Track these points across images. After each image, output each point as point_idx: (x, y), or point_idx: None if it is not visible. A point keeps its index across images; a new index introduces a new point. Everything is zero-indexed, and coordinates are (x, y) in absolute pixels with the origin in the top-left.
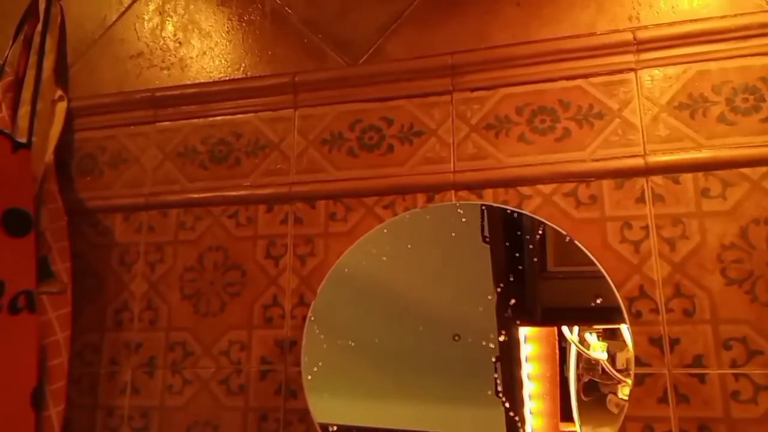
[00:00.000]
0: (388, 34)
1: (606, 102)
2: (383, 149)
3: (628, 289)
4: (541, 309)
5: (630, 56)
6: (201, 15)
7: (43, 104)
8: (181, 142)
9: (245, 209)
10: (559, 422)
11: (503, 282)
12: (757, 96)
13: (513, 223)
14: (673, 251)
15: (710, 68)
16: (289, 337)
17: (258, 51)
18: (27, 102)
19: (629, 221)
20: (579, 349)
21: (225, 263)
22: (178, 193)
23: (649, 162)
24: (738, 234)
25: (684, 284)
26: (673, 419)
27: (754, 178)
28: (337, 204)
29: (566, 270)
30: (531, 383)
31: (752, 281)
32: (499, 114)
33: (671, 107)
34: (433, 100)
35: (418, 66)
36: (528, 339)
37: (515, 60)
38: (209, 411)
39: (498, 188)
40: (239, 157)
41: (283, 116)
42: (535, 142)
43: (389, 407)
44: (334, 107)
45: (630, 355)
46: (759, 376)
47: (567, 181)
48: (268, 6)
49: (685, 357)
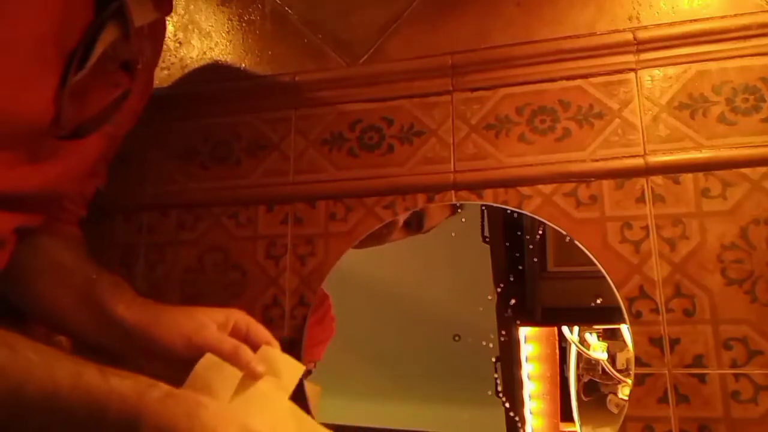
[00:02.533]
0: (388, 34)
1: (606, 102)
2: (383, 149)
3: (628, 289)
4: (541, 309)
5: (630, 56)
6: (201, 15)
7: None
8: (181, 143)
9: (245, 209)
10: (559, 422)
11: (503, 282)
12: (757, 96)
13: (513, 223)
14: (673, 251)
15: (710, 68)
16: (289, 337)
17: (258, 51)
18: None
19: (629, 221)
20: (579, 349)
21: (225, 263)
22: (179, 193)
23: (649, 162)
24: (738, 234)
25: (684, 284)
26: (674, 419)
27: (754, 178)
28: (337, 204)
29: (566, 270)
30: (531, 383)
31: (752, 281)
32: (499, 114)
33: (671, 107)
34: (433, 100)
35: (418, 66)
36: (528, 339)
37: (515, 60)
38: None
39: (498, 188)
40: (239, 157)
41: (283, 116)
42: (535, 142)
43: (389, 407)
44: (334, 107)
45: (630, 355)
46: (759, 376)
47: (567, 181)
48: (268, 6)
49: (685, 357)
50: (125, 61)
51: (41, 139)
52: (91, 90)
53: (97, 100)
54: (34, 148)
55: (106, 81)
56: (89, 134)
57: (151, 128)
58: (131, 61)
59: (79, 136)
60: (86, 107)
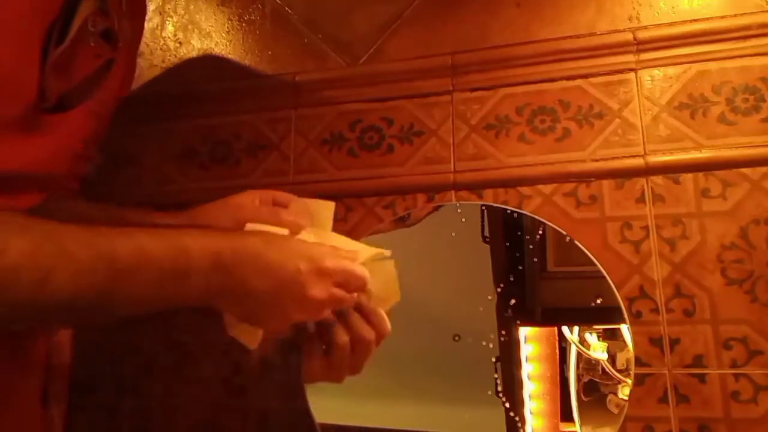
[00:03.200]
0: (388, 34)
1: (606, 102)
2: (383, 149)
3: (628, 289)
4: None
5: (630, 56)
6: (201, 15)
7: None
8: (180, 142)
9: None
10: (559, 422)
11: (503, 282)
12: (757, 96)
13: (513, 223)
14: (673, 251)
15: (710, 68)
16: (290, 337)
17: (258, 51)
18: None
19: (629, 221)
20: (579, 349)
21: None
22: (178, 193)
23: (649, 162)
24: (738, 234)
25: (684, 284)
26: (674, 419)
27: (754, 178)
28: (337, 204)
29: (566, 270)
30: (531, 383)
31: (752, 281)
32: (499, 114)
33: (671, 107)
34: (433, 100)
35: (418, 66)
36: (528, 339)
37: (515, 60)
38: (209, 411)
39: (498, 188)
40: (239, 157)
41: (282, 116)
42: (535, 142)
43: (389, 407)
44: (334, 107)
45: (630, 355)
46: (759, 376)
47: (567, 181)
48: (268, 6)
49: (685, 357)
50: (105, 31)
51: (29, 116)
52: (72, 62)
53: (79, 71)
54: (23, 125)
55: (86, 52)
56: (74, 106)
57: (151, 128)
58: (111, 31)
59: (63, 109)
60: (69, 79)
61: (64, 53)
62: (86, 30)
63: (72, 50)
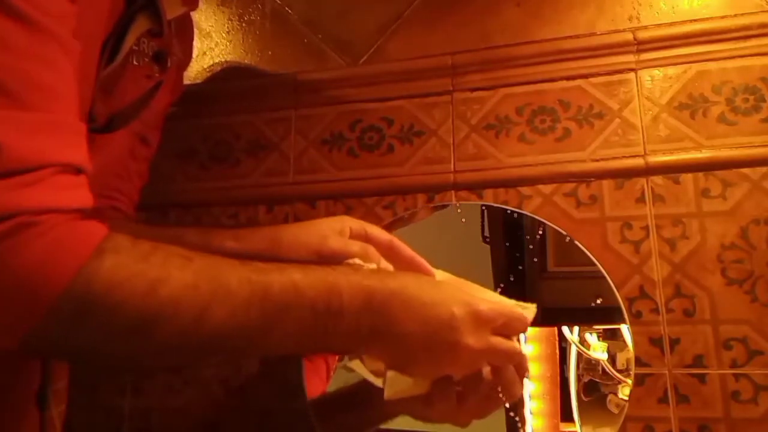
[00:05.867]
0: (388, 34)
1: (606, 102)
2: (383, 149)
3: (628, 289)
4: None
5: (630, 56)
6: (201, 15)
7: None
8: (180, 142)
9: (245, 209)
10: (560, 422)
11: (503, 282)
12: (757, 96)
13: (513, 223)
14: (673, 251)
15: (710, 68)
16: None
17: (258, 51)
18: None
19: (629, 221)
20: (579, 349)
21: None
22: (177, 193)
23: (649, 162)
24: (738, 234)
25: (684, 284)
26: (674, 419)
27: (754, 178)
28: (337, 204)
29: (566, 270)
30: (531, 383)
31: (752, 281)
32: (499, 114)
33: (671, 107)
34: (433, 100)
35: (418, 66)
36: (528, 339)
37: (515, 60)
38: (209, 411)
39: (498, 188)
40: (239, 157)
41: (282, 116)
42: (535, 142)
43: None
44: (334, 107)
45: (630, 355)
46: (759, 376)
47: (567, 181)
48: (268, 6)
49: (685, 357)
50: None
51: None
52: (121, 82)
53: (129, 92)
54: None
55: (136, 73)
56: (121, 127)
57: None
58: (163, 53)
59: (110, 130)
60: (117, 99)
61: (113, 73)
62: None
63: (121, 70)
